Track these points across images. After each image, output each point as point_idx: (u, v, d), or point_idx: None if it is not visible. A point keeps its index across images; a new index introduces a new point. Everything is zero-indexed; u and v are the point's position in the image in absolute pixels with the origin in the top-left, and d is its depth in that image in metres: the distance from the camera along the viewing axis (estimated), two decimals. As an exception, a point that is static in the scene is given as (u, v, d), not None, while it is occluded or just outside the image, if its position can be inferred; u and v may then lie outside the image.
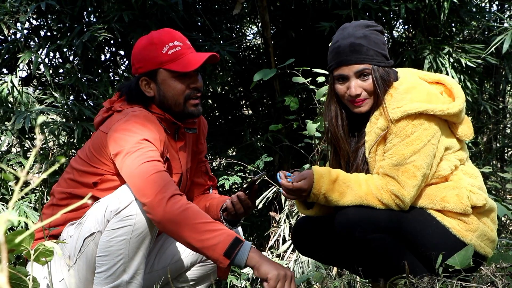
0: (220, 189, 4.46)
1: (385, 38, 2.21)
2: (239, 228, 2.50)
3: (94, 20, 4.38)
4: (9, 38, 4.28)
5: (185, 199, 2.08)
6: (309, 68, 3.76)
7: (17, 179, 3.85)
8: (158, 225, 2.06)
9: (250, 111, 5.61)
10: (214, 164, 5.15)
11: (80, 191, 2.25)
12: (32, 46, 4.27)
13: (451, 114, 2.14)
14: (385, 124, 2.14)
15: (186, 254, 2.41)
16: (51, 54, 4.45)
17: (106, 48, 4.68)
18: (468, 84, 4.53)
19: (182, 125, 2.34)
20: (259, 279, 2.03)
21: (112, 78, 4.61)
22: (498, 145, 5.86)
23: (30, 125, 3.86)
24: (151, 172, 2.08)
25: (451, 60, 4.48)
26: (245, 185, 2.35)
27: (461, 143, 2.25)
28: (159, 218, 2.03)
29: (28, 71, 4.64)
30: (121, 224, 2.08)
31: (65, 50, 4.37)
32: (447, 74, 4.44)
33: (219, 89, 5.43)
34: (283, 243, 3.88)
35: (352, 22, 2.30)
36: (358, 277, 2.66)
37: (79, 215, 2.23)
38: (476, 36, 5.20)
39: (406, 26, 5.40)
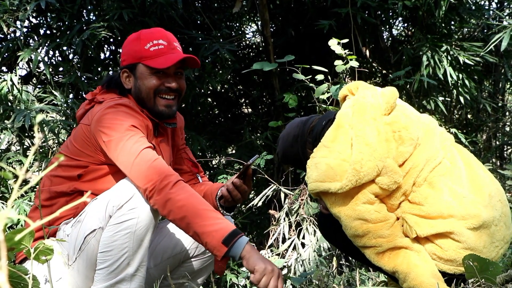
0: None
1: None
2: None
3: (94, 18, 4.38)
4: (8, 36, 4.28)
5: (188, 185, 2.10)
6: (308, 66, 3.77)
7: (16, 177, 3.85)
8: (163, 208, 2.05)
9: (250, 109, 5.61)
10: (214, 162, 5.16)
11: (64, 186, 2.25)
12: (32, 44, 4.27)
13: (336, 192, 2.08)
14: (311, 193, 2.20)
15: (177, 250, 2.42)
16: (51, 53, 4.45)
17: (106, 46, 4.68)
18: (467, 82, 4.54)
19: (160, 123, 2.36)
20: (248, 271, 2.05)
21: (111, 76, 4.61)
22: (497, 143, 5.87)
23: (29, 123, 3.87)
24: (153, 158, 2.10)
25: (449, 57, 4.48)
26: (239, 171, 2.36)
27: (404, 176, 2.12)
28: (164, 201, 2.03)
29: (28, 70, 4.65)
30: (125, 217, 2.08)
31: (64, 48, 4.37)
32: (445, 71, 4.45)
33: (219, 87, 5.44)
34: (283, 242, 3.88)
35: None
36: (357, 275, 2.66)
37: (71, 212, 2.23)
38: (475, 34, 5.20)
39: (405, 24, 5.41)
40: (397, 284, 2.23)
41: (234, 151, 5.31)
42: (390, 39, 5.31)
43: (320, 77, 3.73)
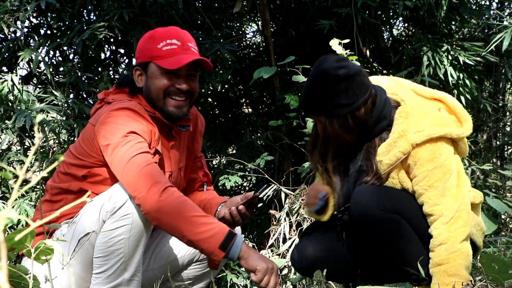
0: (221, 188, 4.47)
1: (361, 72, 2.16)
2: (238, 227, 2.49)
3: (94, 18, 4.38)
4: (9, 36, 4.28)
5: (178, 191, 2.09)
6: (309, 67, 3.76)
7: (16, 177, 3.84)
8: (153, 218, 2.05)
9: (250, 109, 5.61)
10: (214, 162, 5.16)
11: (72, 184, 2.25)
12: (32, 44, 4.28)
13: (463, 137, 2.23)
14: (407, 148, 2.15)
15: (182, 253, 2.41)
16: (51, 53, 4.45)
17: (106, 46, 4.69)
18: (467, 82, 4.54)
19: (173, 125, 2.32)
20: (246, 270, 2.06)
21: (112, 76, 4.61)
22: (498, 143, 5.87)
23: (30, 123, 3.87)
24: (142, 165, 2.08)
25: (450, 57, 4.48)
26: (246, 199, 2.34)
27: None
28: (154, 211, 2.02)
29: (28, 70, 4.65)
30: (118, 224, 2.08)
31: (65, 48, 4.38)
32: (445, 71, 4.45)
33: (219, 87, 5.43)
34: (283, 242, 3.88)
35: (320, 65, 2.18)
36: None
37: (74, 211, 2.22)
38: (476, 34, 5.20)
39: (406, 24, 5.41)
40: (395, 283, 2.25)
41: (234, 151, 5.31)
42: (391, 39, 5.31)
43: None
